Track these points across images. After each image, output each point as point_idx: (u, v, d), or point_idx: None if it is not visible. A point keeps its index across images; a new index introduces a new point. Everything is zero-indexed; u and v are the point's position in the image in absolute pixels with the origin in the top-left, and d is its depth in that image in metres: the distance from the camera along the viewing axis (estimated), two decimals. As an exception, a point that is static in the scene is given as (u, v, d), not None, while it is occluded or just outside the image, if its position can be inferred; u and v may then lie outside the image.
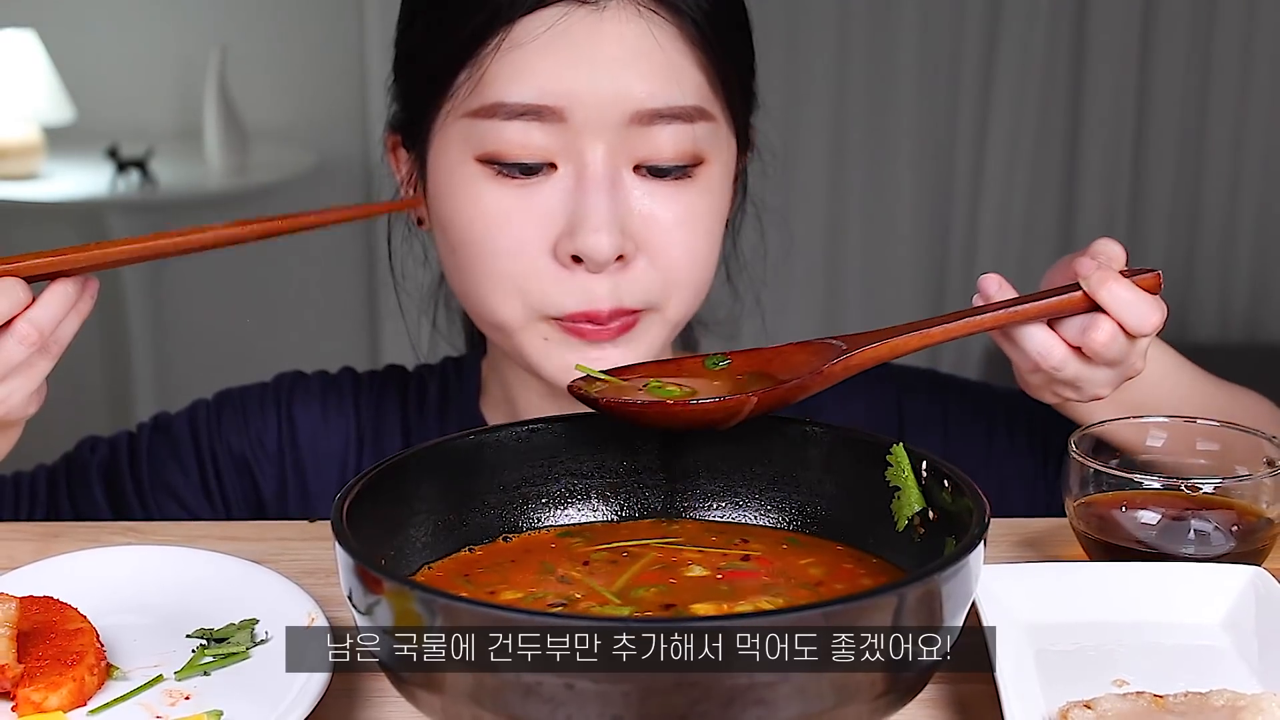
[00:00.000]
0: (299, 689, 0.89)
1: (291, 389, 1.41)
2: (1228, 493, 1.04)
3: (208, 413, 1.39)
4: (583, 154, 1.16)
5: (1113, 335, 1.05)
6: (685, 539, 0.98)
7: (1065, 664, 0.94)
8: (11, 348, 1.04)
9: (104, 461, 1.36)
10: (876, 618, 0.75)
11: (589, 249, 1.15)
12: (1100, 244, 1.10)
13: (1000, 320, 1.07)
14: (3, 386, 1.05)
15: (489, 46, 1.16)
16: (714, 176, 1.21)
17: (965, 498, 0.88)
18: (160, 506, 1.35)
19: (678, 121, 1.17)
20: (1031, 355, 1.08)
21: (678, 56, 1.17)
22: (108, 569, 1.06)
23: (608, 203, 1.16)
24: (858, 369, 1.03)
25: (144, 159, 3.58)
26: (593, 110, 1.15)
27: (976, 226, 3.78)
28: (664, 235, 1.19)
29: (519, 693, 0.74)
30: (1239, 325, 3.79)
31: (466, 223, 1.19)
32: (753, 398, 0.98)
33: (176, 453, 1.37)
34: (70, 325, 1.07)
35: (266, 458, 1.38)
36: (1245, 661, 0.95)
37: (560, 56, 1.15)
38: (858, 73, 3.71)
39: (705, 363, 1.05)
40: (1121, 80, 3.69)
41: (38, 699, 0.88)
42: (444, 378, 1.43)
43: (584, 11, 1.15)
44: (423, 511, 0.95)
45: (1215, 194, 3.75)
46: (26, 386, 1.07)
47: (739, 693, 0.73)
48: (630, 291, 1.18)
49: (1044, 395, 1.13)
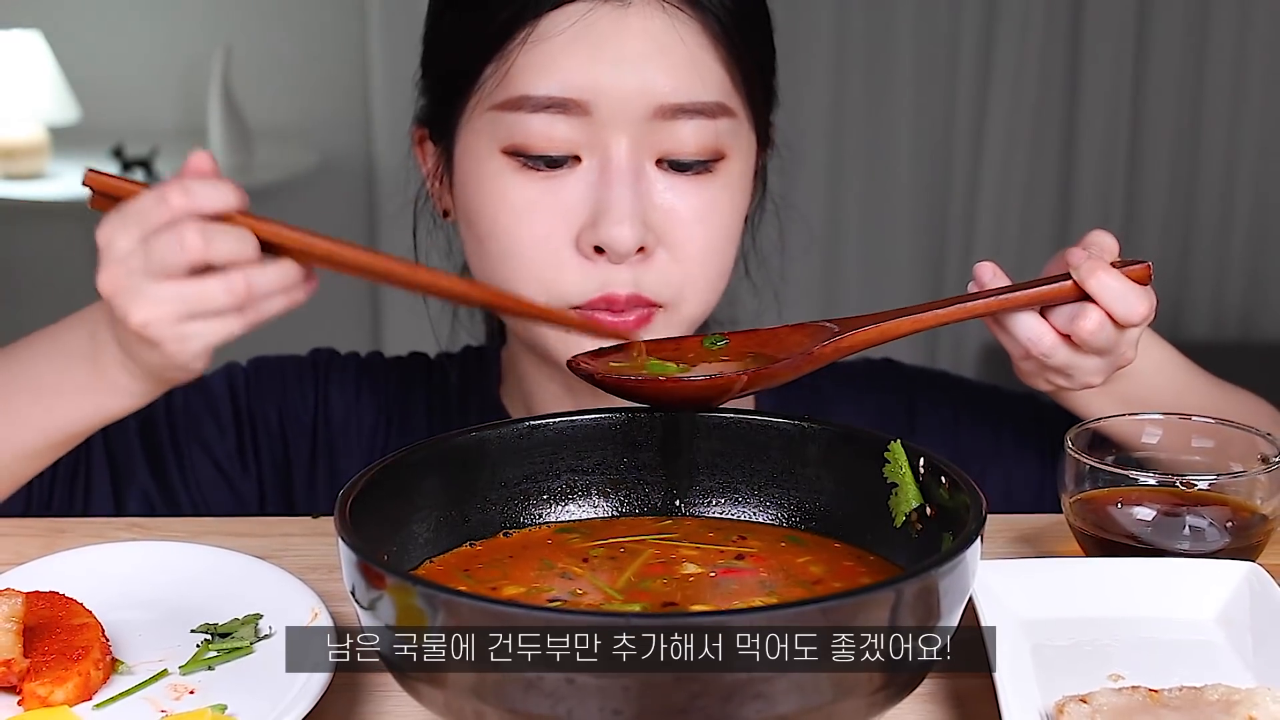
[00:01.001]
0: (302, 683, 0.89)
1: (329, 366, 1.42)
2: (1223, 489, 1.05)
3: (245, 376, 1.39)
4: (607, 147, 1.18)
5: (1100, 324, 1.07)
6: (682, 535, 0.99)
7: (1062, 659, 0.95)
8: (217, 291, 0.99)
9: (140, 416, 1.33)
10: (874, 613, 0.76)
11: (611, 240, 1.17)
12: (1093, 235, 1.12)
13: (991, 307, 1.09)
14: (189, 325, 1.00)
15: (515, 40, 1.18)
16: (734, 172, 1.23)
17: (962, 494, 0.88)
18: (194, 461, 1.35)
19: (700, 117, 1.19)
20: (1022, 342, 1.10)
21: (701, 52, 1.19)
22: (113, 564, 1.06)
23: (630, 195, 1.17)
24: (848, 351, 1.06)
25: (148, 158, 3.59)
26: (617, 104, 1.17)
27: (973, 223, 3.79)
28: (684, 229, 1.20)
29: (520, 687, 0.74)
30: (1233, 323, 3.79)
31: (492, 214, 1.21)
32: (743, 376, 1.01)
33: (213, 409, 1.37)
34: (277, 303, 1.01)
35: (301, 431, 1.39)
36: (1240, 656, 0.95)
37: (585, 51, 1.17)
38: (855, 69, 3.71)
39: (704, 343, 1.08)
40: (1117, 76, 3.69)
41: (43, 693, 0.89)
42: (465, 366, 1.44)
43: (609, 7, 1.17)
44: (425, 507, 0.96)
45: (1210, 191, 3.75)
46: (209, 337, 1.01)
47: (738, 687, 0.74)
48: (649, 282, 1.20)
49: (1037, 382, 1.15)
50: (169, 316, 0.98)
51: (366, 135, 3.89)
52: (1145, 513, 1.05)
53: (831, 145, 3.71)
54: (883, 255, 3.82)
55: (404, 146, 1.38)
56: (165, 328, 0.99)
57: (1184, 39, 3.66)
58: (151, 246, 0.97)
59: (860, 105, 3.73)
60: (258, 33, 3.91)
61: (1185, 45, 3.66)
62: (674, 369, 1.05)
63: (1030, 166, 3.75)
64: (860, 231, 3.81)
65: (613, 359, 1.08)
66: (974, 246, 3.78)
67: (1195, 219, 3.78)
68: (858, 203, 3.79)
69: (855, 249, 3.82)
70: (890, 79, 3.71)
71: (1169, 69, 3.68)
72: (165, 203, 0.96)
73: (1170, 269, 3.79)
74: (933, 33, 3.69)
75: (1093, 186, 3.75)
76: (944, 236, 3.81)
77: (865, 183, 3.78)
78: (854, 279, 3.83)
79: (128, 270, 0.98)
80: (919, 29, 3.68)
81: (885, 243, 3.81)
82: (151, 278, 0.97)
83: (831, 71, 3.69)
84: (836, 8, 3.67)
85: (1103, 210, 3.76)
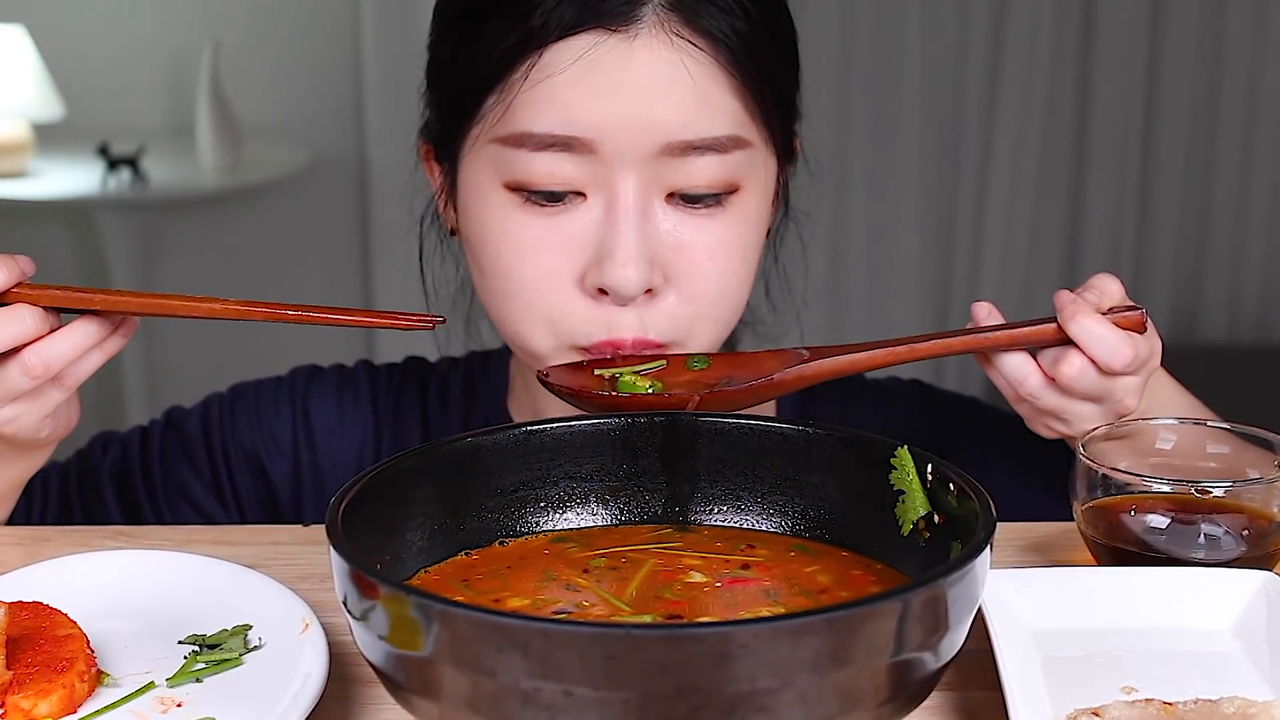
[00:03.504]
0: (292, 696, 0.88)
1: (307, 384, 1.39)
2: (1238, 496, 1.03)
3: (220, 408, 1.38)
4: (613, 185, 1.14)
5: (1082, 369, 1.06)
6: (686, 545, 0.97)
7: (1073, 671, 0.93)
8: (15, 377, 1.03)
9: (115, 464, 1.35)
10: (880, 624, 0.74)
11: (616, 283, 1.14)
12: (1096, 279, 1.12)
13: (969, 344, 1.09)
14: (8, 409, 1.05)
15: (518, 73, 1.14)
16: (749, 204, 1.19)
17: (971, 501, 0.86)
18: (173, 510, 1.34)
19: (711, 152, 1.15)
20: (1009, 381, 1.10)
21: (711, 85, 1.14)
22: (98, 574, 1.05)
23: (637, 236, 1.14)
24: (813, 379, 1.08)
25: (135, 156, 3.56)
26: (623, 141, 1.13)
27: (982, 226, 3.78)
28: (694, 267, 1.17)
29: (517, 700, 0.73)
30: (1248, 327, 3.79)
31: (495, 251, 1.18)
32: (695, 397, 1.04)
33: (188, 451, 1.36)
34: (91, 361, 1.06)
35: (281, 455, 1.37)
36: (1256, 668, 0.94)
37: (590, 87, 1.12)
38: (861, 89, 3.70)
39: (686, 363, 1.11)
40: (1130, 82, 3.68)
41: (27, 706, 0.87)
42: (469, 372, 1.41)
43: (615, 40, 1.13)
44: (419, 515, 0.94)
45: (1225, 195, 3.75)
46: (34, 414, 1.06)
47: (741, 699, 0.72)
48: (656, 324, 1.16)
49: (1036, 427, 1.14)
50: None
51: (359, 134, 3.87)
52: (1159, 520, 1.03)
53: (837, 162, 3.68)
54: (889, 269, 3.81)
55: (397, 146, 1.37)
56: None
57: (1197, 42, 3.65)
58: None
59: (867, 120, 3.71)
60: (247, 28, 3.89)
61: (1199, 48, 3.66)
62: (641, 386, 1.07)
63: (1041, 172, 3.74)
64: (867, 241, 3.79)
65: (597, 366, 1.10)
66: (983, 250, 3.77)
67: (1210, 222, 3.78)
68: (864, 214, 3.78)
69: (862, 263, 3.81)
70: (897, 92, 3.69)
71: (1182, 73, 3.67)
72: None
73: (1185, 273, 3.79)
74: (941, 42, 3.68)
75: (1106, 190, 3.75)
76: (951, 251, 3.81)
77: (872, 196, 3.76)
78: (860, 300, 3.82)
79: None
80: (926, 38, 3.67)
81: (893, 250, 3.80)
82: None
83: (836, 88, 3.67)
84: (841, 19, 3.66)
85: (1116, 213, 3.76)
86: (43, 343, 1.03)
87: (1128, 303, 1.11)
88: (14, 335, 1.01)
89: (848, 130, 3.70)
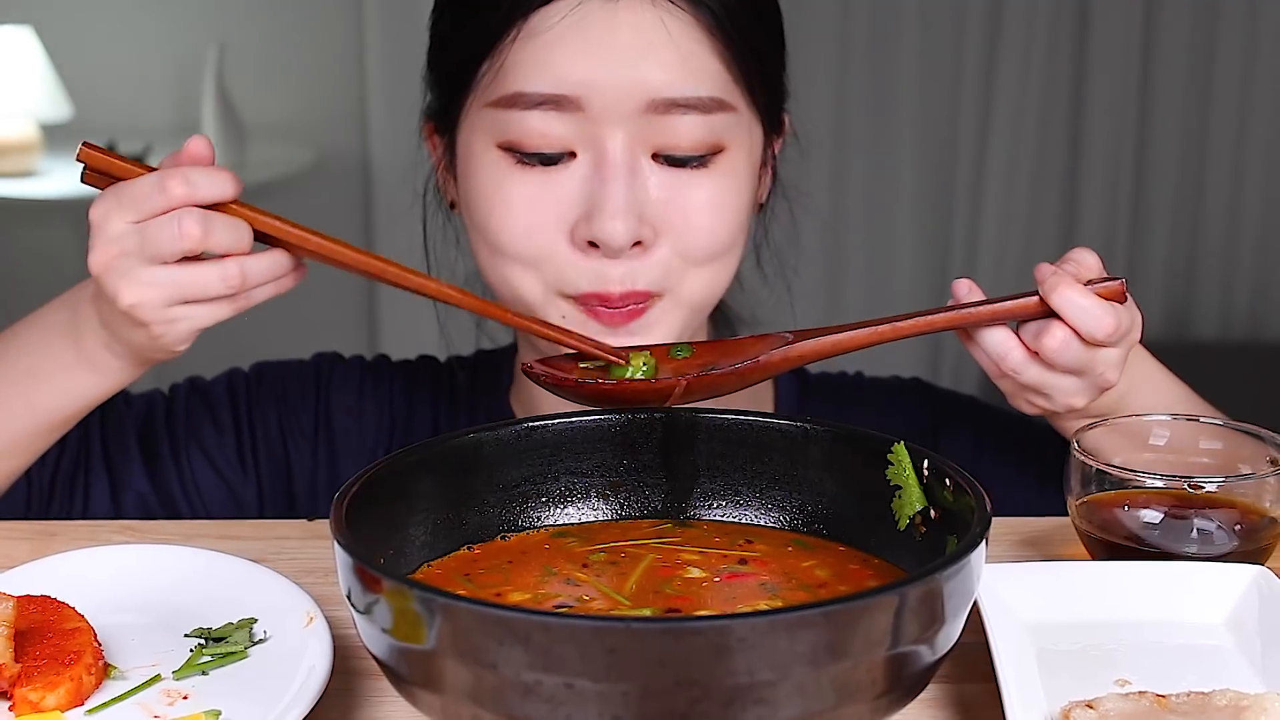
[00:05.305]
0: (297, 689, 0.88)
1: (331, 370, 1.41)
2: (1231, 491, 1.04)
3: (246, 381, 1.39)
4: (601, 141, 1.17)
5: (1065, 341, 1.06)
6: (685, 540, 0.98)
7: (1067, 664, 0.94)
8: (212, 279, 1.03)
9: (140, 414, 1.35)
10: (877, 618, 0.75)
11: (605, 235, 1.17)
12: (1073, 252, 1.11)
13: (952, 321, 1.08)
14: (179, 309, 1.04)
15: (508, 38, 1.19)
16: (735, 162, 1.22)
17: (967, 496, 0.87)
18: (192, 464, 1.35)
19: (695, 112, 1.18)
20: (991, 356, 1.09)
21: (693, 45, 1.18)
22: (105, 568, 1.05)
23: (624, 190, 1.17)
24: (798, 361, 1.08)
25: (141, 156, 3.57)
26: (610, 99, 1.16)
27: (978, 221, 3.78)
28: (684, 220, 1.20)
29: (518, 692, 0.74)
30: (1241, 323, 3.78)
31: (489, 208, 1.21)
32: (683, 381, 1.04)
33: (213, 414, 1.37)
34: (266, 291, 1.07)
35: (302, 436, 1.38)
36: (1248, 661, 0.94)
37: (576, 46, 1.17)
38: (858, 72, 3.70)
39: (669, 352, 1.11)
40: (1124, 77, 3.68)
41: (35, 698, 0.88)
42: (475, 369, 1.44)
43: (599, 2, 1.17)
44: (422, 510, 0.95)
45: (1217, 191, 3.75)
46: (197, 321, 1.05)
47: (740, 692, 0.73)
48: (645, 275, 1.19)
49: (1019, 404, 1.14)
50: (160, 300, 1.02)
51: (362, 132, 3.87)
52: (1152, 515, 1.04)
53: (835, 150, 3.69)
54: (887, 250, 3.81)
55: (401, 144, 1.38)
56: (155, 310, 1.03)
57: (1191, 40, 3.65)
58: (148, 231, 0.99)
59: (864, 104, 3.72)
60: (252, 28, 3.89)
61: (1192, 46, 3.65)
62: (636, 363, 1.08)
63: (1035, 169, 3.74)
64: (864, 227, 3.80)
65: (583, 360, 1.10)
66: (979, 244, 3.77)
67: (1203, 219, 3.77)
68: (862, 199, 3.78)
69: (859, 245, 3.81)
70: (894, 84, 3.69)
71: (1176, 70, 3.67)
72: (165, 192, 1.00)
73: (1178, 270, 3.78)
74: (938, 29, 3.68)
75: (1100, 183, 3.75)
76: (948, 242, 3.81)
77: (869, 180, 3.76)
78: (858, 274, 3.82)
79: (121, 251, 1.01)
80: (923, 33, 3.67)
81: (889, 238, 3.80)
82: (145, 261, 1.01)
83: (834, 78, 3.67)
84: (839, 14, 3.66)
85: (1110, 207, 3.76)
86: (246, 257, 1.04)
87: (1105, 275, 1.10)
88: (232, 243, 1.03)
89: (845, 113, 3.70)
